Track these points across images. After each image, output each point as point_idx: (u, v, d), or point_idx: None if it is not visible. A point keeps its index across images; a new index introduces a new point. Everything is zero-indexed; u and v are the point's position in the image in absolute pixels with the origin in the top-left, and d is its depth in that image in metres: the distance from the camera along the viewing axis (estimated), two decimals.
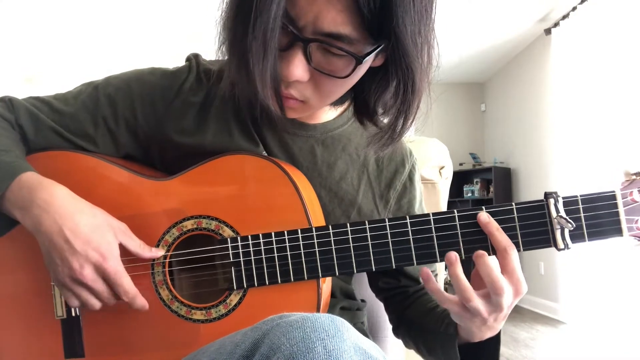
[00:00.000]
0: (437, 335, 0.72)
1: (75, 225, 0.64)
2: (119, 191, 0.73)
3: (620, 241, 0.65)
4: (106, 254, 0.64)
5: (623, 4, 3.41)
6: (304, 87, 0.64)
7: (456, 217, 0.65)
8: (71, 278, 0.64)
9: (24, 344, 0.73)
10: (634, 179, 0.65)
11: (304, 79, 0.62)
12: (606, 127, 3.60)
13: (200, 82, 0.77)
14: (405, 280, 0.84)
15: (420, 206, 0.87)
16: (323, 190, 0.78)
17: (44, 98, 0.78)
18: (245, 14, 0.56)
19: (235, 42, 0.60)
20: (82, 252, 0.63)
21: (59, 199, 0.65)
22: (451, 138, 5.66)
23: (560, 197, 0.63)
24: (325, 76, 0.62)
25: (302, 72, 0.60)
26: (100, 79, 0.78)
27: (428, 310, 0.78)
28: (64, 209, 0.64)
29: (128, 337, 0.71)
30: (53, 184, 0.67)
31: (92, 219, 0.66)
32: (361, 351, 0.46)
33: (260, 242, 0.68)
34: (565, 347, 3.51)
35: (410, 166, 0.84)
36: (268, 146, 0.77)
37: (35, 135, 0.75)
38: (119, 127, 0.76)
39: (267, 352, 0.45)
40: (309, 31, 0.57)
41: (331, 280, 0.76)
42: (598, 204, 0.63)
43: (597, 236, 0.63)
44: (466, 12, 4.06)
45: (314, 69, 0.61)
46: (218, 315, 0.69)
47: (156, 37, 4.41)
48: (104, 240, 0.65)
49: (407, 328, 0.82)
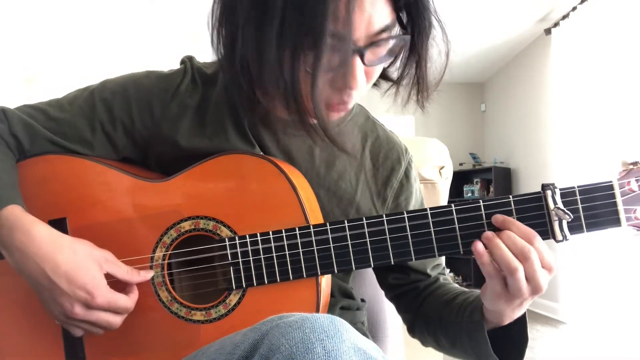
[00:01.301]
0: (460, 325, 0.71)
1: (56, 265, 0.63)
2: (117, 194, 0.73)
3: (619, 232, 0.65)
4: (93, 290, 0.63)
5: (623, 4, 3.41)
6: (365, 86, 0.65)
7: (453, 211, 0.65)
8: (66, 316, 0.64)
9: (25, 347, 0.72)
10: (631, 169, 0.64)
11: (366, 82, 0.63)
12: (606, 127, 3.59)
13: (196, 84, 0.77)
14: (415, 274, 0.84)
15: (418, 203, 0.87)
16: (322, 190, 0.78)
17: (38, 106, 0.77)
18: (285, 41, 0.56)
19: (272, 74, 0.58)
20: (69, 292, 0.63)
21: (36, 240, 0.63)
22: (451, 138, 5.66)
23: (557, 188, 0.63)
24: (375, 68, 0.64)
25: (363, 77, 0.62)
26: (96, 84, 0.78)
27: (446, 302, 0.78)
28: (43, 250, 0.63)
29: (128, 339, 0.71)
30: (31, 222, 0.65)
31: (72, 256, 0.64)
32: (360, 351, 0.45)
33: (258, 241, 0.68)
34: (565, 347, 3.51)
35: (406, 163, 0.84)
36: (265, 147, 0.77)
37: (31, 145, 0.74)
38: (116, 131, 0.76)
39: (267, 353, 0.45)
40: (363, 39, 0.59)
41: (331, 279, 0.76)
42: (596, 195, 0.63)
43: (595, 227, 0.63)
44: (466, 12, 4.06)
45: (368, 66, 0.62)
46: (218, 316, 0.69)
47: (156, 37, 4.41)
48: (88, 275, 0.64)
49: (425, 324, 0.81)
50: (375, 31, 0.59)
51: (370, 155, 0.82)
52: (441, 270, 0.87)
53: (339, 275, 0.84)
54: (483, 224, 0.64)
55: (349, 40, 0.56)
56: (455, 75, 5.74)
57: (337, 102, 0.65)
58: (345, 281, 0.85)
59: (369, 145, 0.83)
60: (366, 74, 0.63)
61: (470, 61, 5.31)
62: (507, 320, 0.66)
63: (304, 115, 0.61)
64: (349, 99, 0.65)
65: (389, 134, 0.86)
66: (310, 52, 0.56)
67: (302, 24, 0.55)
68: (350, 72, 0.59)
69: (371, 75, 0.65)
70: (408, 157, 0.85)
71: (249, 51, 0.60)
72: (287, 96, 0.59)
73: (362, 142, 0.83)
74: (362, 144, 0.83)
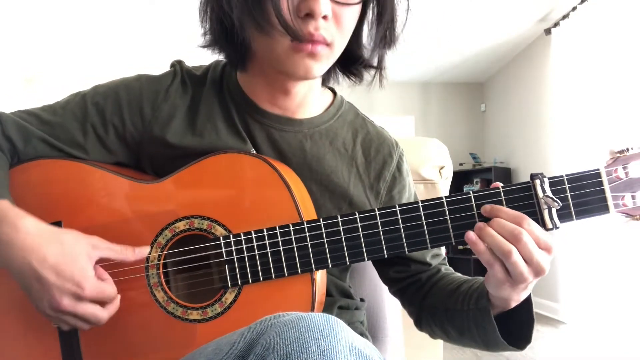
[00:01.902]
0: (467, 313, 0.72)
1: (42, 258, 0.62)
2: (110, 195, 0.73)
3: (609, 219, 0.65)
4: (81, 282, 0.63)
5: (623, 4, 3.41)
6: (330, 26, 0.66)
7: (444, 202, 0.66)
8: (53, 309, 0.63)
9: (21, 351, 0.72)
10: (618, 157, 0.66)
11: (330, 14, 0.65)
12: (606, 127, 3.59)
13: (186, 86, 0.79)
14: (415, 265, 0.84)
15: (412, 196, 0.87)
16: (314, 185, 0.78)
17: (31, 111, 0.78)
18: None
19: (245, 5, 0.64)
20: (56, 285, 0.62)
21: (22, 233, 0.63)
22: (451, 138, 5.66)
23: (546, 177, 0.63)
24: (342, 7, 0.66)
25: (327, 6, 0.64)
26: (88, 89, 0.79)
27: (450, 291, 0.78)
28: (29, 243, 0.62)
29: (126, 341, 0.71)
30: (18, 215, 0.64)
31: (59, 247, 0.63)
32: (356, 350, 0.45)
33: (253, 239, 0.68)
34: (565, 347, 3.51)
35: (397, 157, 0.85)
36: (256, 143, 0.78)
37: (25, 147, 0.75)
38: (108, 135, 0.76)
39: (262, 352, 0.45)
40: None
41: (326, 276, 0.76)
42: (584, 183, 0.63)
43: (584, 214, 0.63)
44: (466, 12, 4.06)
45: (334, 1, 0.65)
46: (214, 314, 0.69)
47: (156, 37, 4.41)
48: (76, 267, 0.63)
49: (431, 315, 0.81)
50: None
51: (361, 149, 0.83)
52: (442, 261, 0.87)
53: (337, 273, 0.84)
54: (474, 215, 0.65)
55: None
56: (455, 75, 5.75)
57: (305, 34, 0.65)
58: (343, 280, 0.85)
59: (359, 140, 0.83)
60: (335, 17, 0.66)
61: (470, 61, 5.32)
62: (514, 303, 0.66)
63: (274, 35, 0.65)
64: (319, 35, 0.66)
65: (379, 129, 0.87)
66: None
67: None
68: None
69: (340, 20, 0.67)
70: (399, 151, 0.85)
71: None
72: (257, 18, 0.64)
73: (353, 137, 0.83)
74: (352, 138, 0.83)
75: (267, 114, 0.78)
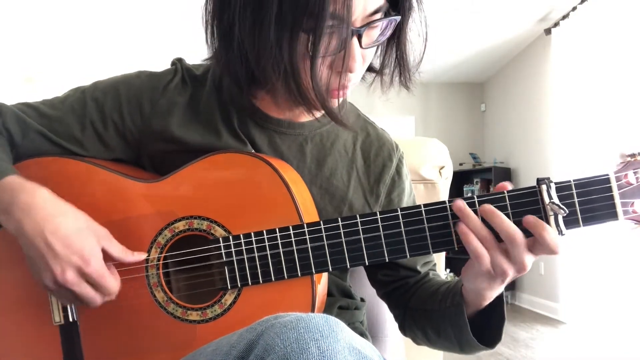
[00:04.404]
0: (443, 312, 0.72)
1: (56, 227, 0.63)
2: (110, 195, 0.72)
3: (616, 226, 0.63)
4: (88, 257, 0.63)
5: (623, 4, 3.41)
6: (361, 69, 0.66)
7: (447, 207, 0.64)
8: (54, 282, 0.63)
9: (22, 350, 0.72)
10: (629, 161, 0.63)
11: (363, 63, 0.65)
12: (606, 127, 3.59)
13: (186, 84, 0.79)
14: (405, 271, 0.83)
15: (411, 199, 0.87)
16: (314, 187, 0.78)
17: (31, 103, 0.78)
18: (282, 27, 0.57)
19: (271, 57, 0.60)
20: (63, 256, 0.62)
21: (40, 201, 0.64)
22: (451, 138, 5.66)
23: (552, 182, 0.62)
24: (368, 51, 0.65)
25: (362, 60, 0.63)
26: (88, 84, 0.79)
27: (431, 293, 0.78)
28: (46, 212, 0.63)
29: (126, 341, 0.71)
30: (35, 186, 0.66)
31: (74, 222, 0.65)
32: (355, 351, 0.45)
33: (252, 241, 0.67)
34: (565, 347, 3.51)
35: (397, 160, 0.84)
36: (256, 145, 0.77)
37: (23, 139, 0.74)
38: (107, 130, 0.76)
39: (262, 353, 0.45)
40: (359, 20, 0.60)
41: (327, 278, 0.75)
42: (592, 188, 0.61)
43: (592, 221, 0.61)
44: (466, 12, 4.05)
45: (364, 49, 0.63)
46: (214, 316, 0.69)
47: (156, 37, 4.41)
48: (87, 243, 0.64)
49: (413, 318, 0.81)
50: (370, 12, 0.60)
51: (361, 152, 0.83)
52: (431, 267, 0.87)
53: (338, 273, 0.83)
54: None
55: (347, 21, 0.57)
56: (455, 75, 5.75)
57: (337, 87, 0.65)
58: (343, 280, 0.85)
59: (359, 143, 0.83)
60: (362, 57, 0.64)
61: (470, 61, 5.32)
62: (486, 301, 0.67)
63: (305, 98, 0.63)
64: (348, 83, 0.66)
65: (379, 131, 0.87)
66: (308, 34, 0.58)
67: (301, 4, 0.56)
68: (350, 54, 0.61)
69: (365, 59, 0.67)
70: (399, 154, 0.85)
71: (247, 35, 0.61)
72: (287, 78, 0.61)
73: (353, 139, 0.83)
74: (352, 141, 0.83)
75: (270, 119, 0.77)
